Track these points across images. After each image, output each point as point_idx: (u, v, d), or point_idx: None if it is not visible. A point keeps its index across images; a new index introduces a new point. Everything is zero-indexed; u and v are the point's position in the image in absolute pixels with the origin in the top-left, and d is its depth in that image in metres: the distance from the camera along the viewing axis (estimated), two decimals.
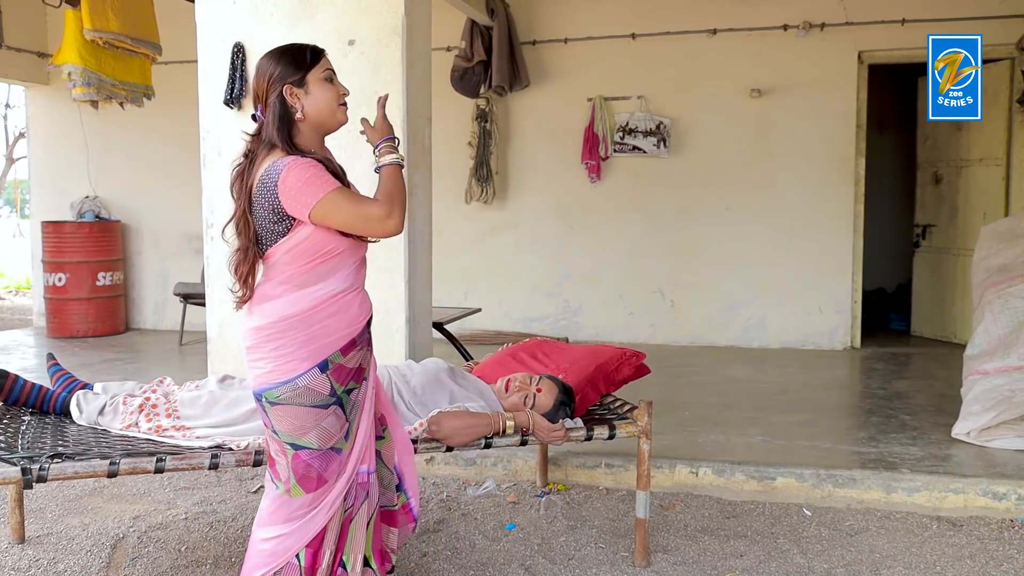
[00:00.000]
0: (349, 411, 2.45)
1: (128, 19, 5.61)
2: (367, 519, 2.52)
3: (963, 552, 3.27)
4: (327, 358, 2.37)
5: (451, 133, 7.21)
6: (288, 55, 2.40)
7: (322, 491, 2.41)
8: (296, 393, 2.36)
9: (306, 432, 2.38)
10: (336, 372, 2.40)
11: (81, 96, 5.62)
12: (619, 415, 3.32)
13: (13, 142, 17.37)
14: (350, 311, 2.42)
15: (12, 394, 3.20)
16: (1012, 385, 4.17)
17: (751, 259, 7.06)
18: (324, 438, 2.39)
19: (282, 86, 2.35)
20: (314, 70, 2.39)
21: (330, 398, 2.39)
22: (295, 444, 2.39)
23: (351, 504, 2.49)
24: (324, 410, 2.38)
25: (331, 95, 2.41)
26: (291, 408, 2.37)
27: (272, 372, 2.36)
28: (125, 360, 6.72)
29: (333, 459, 2.41)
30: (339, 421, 2.42)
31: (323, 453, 2.39)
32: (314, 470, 2.39)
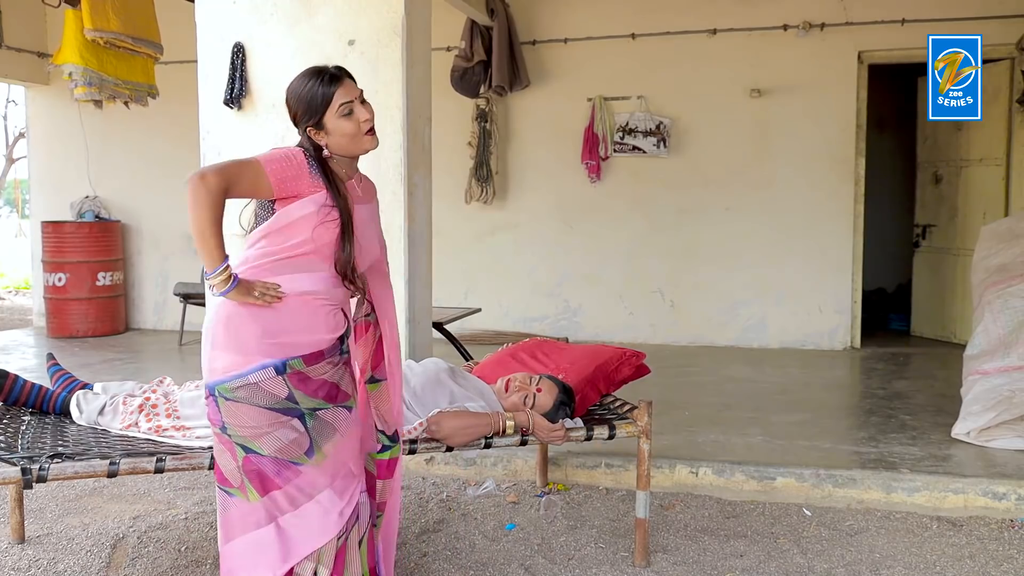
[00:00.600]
0: (313, 431, 2.37)
1: (129, 19, 5.60)
2: (358, 539, 2.49)
3: (963, 552, 3.27)
4: (285, 360, 2.33)
5: (451, 133, 7.21)
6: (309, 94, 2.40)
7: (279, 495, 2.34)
8: (249, 391, 2.31)
9: (258, 436, 2.33)
10: (297, 379, 2.34)
11: (83, 96, 5.61)
12: (619, 415, 3.32)
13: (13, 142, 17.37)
14: (314, 318, 2.38)
15: (12, 394, 3.20)
16: (1012, 385, 4.17)
17: (751, 259, 7.07)
18: (277, 448, 2.33)
19: (305, 127, 2.42)
20: (331, 109, 2.39)
21: (288, 403, 2.33)
22: (245, 447, 2.34)
23: (344, 531, 2.42)
24: (281, 416, 2.33)
25: (350, 128, 2.41)
26: (244, 407, 2.32)
27: (227, 365, 2.32)
28: (125, 360, 6.72)
29: (287, 467, 2.35)
30: (298, 437, 2.35)
31: (271, 460, 2.34)
32: (261, 472, 2.33)
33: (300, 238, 2.33)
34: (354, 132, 2.41)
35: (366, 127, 2.43)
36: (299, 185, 2.33)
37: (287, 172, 2.32)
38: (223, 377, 2.33)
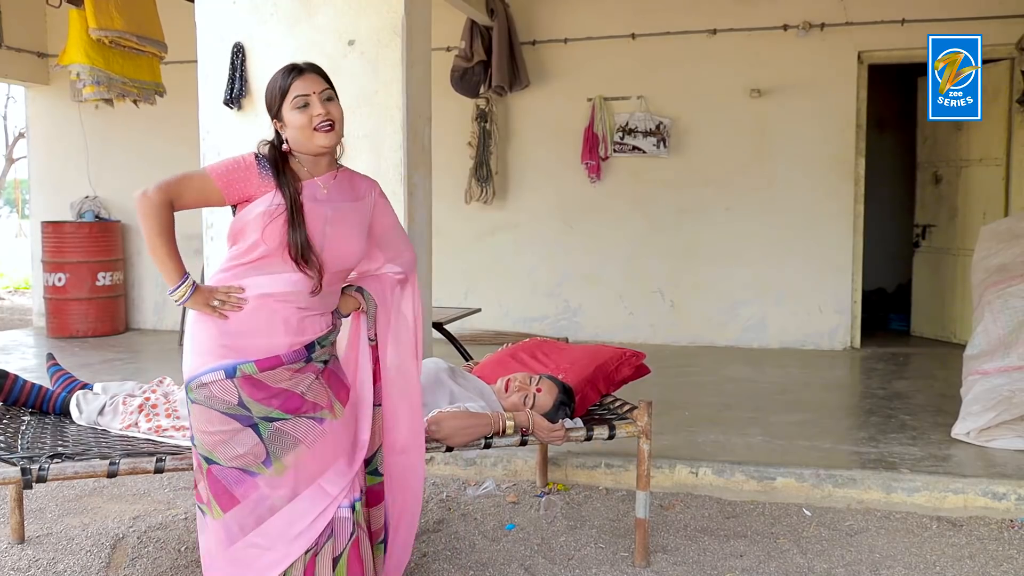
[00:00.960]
0: (268, 440, 2.32)
1: (132, 17, 5.59)
2: (333, 556, 2.39)
3: (963, 552, 3.27)
4: (236, 364, 2.30)
5: (451, 133, 7.21)
6: (269, 88, 2.46)
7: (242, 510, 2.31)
8: (204, 393, 2.31)
9: (216, 444, 2.31)
10: (248, 385, 2.30)
11: (93, 95, 5.59)
12: (619, 415, 3.32)
13: (13, 142, 17.38)
14: (272, 322, 2.34)
15: (12, 394, 3.21)
16: (1012, 385, 4.17)
17: (751, 259, 7.07)
18: (233, 456, 2.31)
19: (272, 119, 2.45)
20: (286, 101, 2.41)
21: (240, 410, 2.30)
22: (207, 458, 2.34)
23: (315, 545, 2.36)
24: (231, 422, 2.30)
25: (301, 121, 2.39)
26: (203, 409, 2.32)
27: (188, 366, 2.36)
28: (125, 360, 6.72)
29: (244, 479, 2.31)
30: (252, 445, 2.31)
31: (231, 471, 2.32)
32: (222, 486, 2.32)
33: (252, 239, 2.34)
34: (304, 125, 2.38)
35: (317, 121, 2.39)
36: (248, 188, 2.35)
37: (233, 176, 2.35)
38: (186, 378, 2.37)
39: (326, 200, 2.42)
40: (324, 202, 2.41)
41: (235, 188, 2.35)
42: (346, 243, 2.44)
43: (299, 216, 2.34)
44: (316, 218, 2.37)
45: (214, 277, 2.40)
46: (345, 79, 4.20)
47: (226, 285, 2.35)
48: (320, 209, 2.39)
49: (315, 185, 2.42)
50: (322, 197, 2.41)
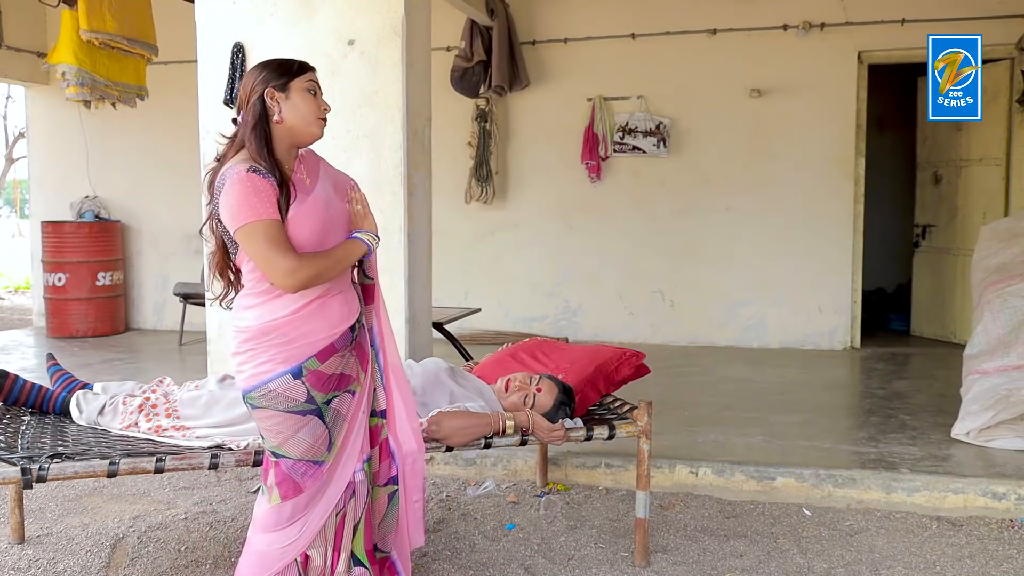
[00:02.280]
0: (330, 422, 2.43)
1: (125, 20, 5.61)
2: (355, 519, 2.52)
3: (963, 552, 3.27)
4: (301, 364, 2.37)
5: (451, 133, 7.21)
6: (276, 63, 2.45)
7: (301, 499, 2.42)
8: (270, 398, 2.38)
9: (284, 441, 2.40)
10: (313, 378, 2.39)
11: (74, 96, 5.65)
12: (619, 415, 3.32)
13: (13, 142, 17.37)
14: (328, 315, 2.41)
15: (12, 394, 3.21)
16: (1011, 384, 4.17)
17: (751, 259, 7.06)
18: (302, 449, 2.40)
19: (264, 88, 2.37)
20: (299, 79, 2.41)
21: (307, 405, 2.38)
22: (275, 452, 2.43)
23: (342, 505, 2.49)
24: (301, 418, 2.39)
25: (312, 107, 2.41)
26: (268, 412, 2.40)
27: (249, 375, 2.39)
28: (125, 360, 6.72)
29: (312, 470, 2.42)
30: (317, 432, 2.41)
31: (302, 464, 2.41)
32: (291, 480, 2.41)
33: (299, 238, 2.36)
34: (311, 113, 2.40)
35: (323, 112, 2.43)
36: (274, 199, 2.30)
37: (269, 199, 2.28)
38: (247, 386, 2.41)
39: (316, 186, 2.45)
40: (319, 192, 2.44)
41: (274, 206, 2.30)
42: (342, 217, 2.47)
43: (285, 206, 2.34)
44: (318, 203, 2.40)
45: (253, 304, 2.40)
46: (345, 79, 4.21)
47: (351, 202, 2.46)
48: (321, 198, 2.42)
49: (301, 181, 2.43)
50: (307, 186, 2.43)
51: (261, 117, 2.37)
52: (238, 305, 2.45)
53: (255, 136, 2.35)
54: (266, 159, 2.32)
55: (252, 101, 2.38)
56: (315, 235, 2.37)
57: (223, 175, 2.33)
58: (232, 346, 2.46)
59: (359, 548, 2.53)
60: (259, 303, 2.39)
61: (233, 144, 2.41)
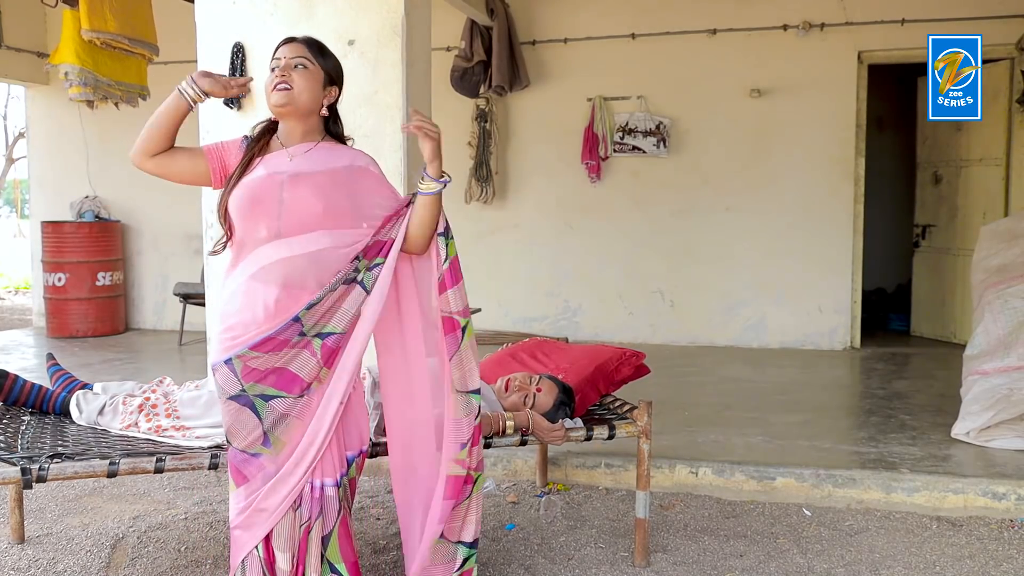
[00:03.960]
0: (267, 420, 2.39)
1: (126, 19, 5.61)
2: (323, 534, 2.44)
3: (963, 552, 3.27)
4: (234, 353, 2.38)
5: (451, 133, 7.20)
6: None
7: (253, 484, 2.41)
8: (216, 383, 2.45)
9: (228, 429, 2.45)
10: (244, 369, 2.38)
11: (77, 96, 5.64)
12: (619, 415, 3.32)
13: (13, 142, 17.38)
14: (254, 300, 2.38)
15: (12, 394, 3.20)
16: (1011, 384, 4.17)
17: (751, 259, 7.07)
18: (238, 439, 2.41)
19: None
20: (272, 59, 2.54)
21: (239, 395, 2.39)
22: (228, 440, 2.48)
23: (306, 518, 2.42)
24: (232, 405, 2.40)
25: (267, 80, 2.51)
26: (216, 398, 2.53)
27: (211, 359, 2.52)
28: (125, 360, 6.72)
29: (250, 461, 2.42)
30: (249, 423, 2.39)
31: (240, 453, 2.42)
32: (236, 468, 2.44)
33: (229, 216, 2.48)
34: (267, 85, 2.49)
35: (276, 79, 2.47)
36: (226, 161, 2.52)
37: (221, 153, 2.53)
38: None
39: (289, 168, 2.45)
40: (285, 171, 2.44)
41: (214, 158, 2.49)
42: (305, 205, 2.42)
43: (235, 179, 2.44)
44: (272, 184, 2.42)
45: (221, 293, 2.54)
46: (345, 79, 4.19)
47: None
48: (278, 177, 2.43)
49: (282, 155, 2.48)
50: (286, 167, 2.45)
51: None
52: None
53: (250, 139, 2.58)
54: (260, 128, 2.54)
55: None
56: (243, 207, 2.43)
57: None
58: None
59: (335, 556, 2.46)
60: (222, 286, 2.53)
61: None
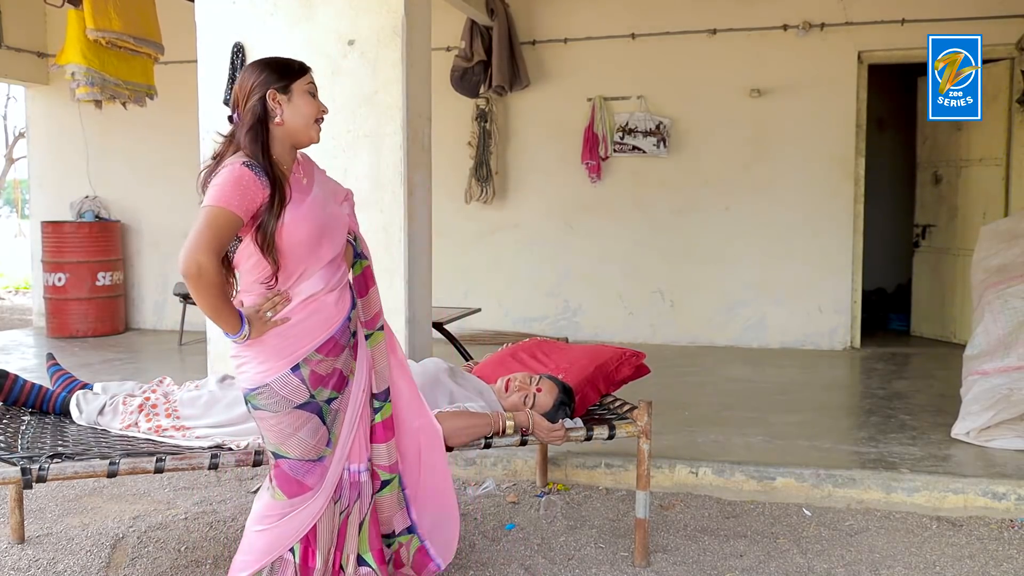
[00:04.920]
0: (330, 421, 2.46)
1: (130, 19, 5.61)
2: (360, 519, 2.54)
3: (963, 552, 3.27)
4: (300, 361, 2.39)
5: (451, 133, 7.21)
6: (276, 64, 2.44)
7: (307, 495, 2.44)
8: (272, 398, 2.39)
9: (284, 441, 2.41)
10: (313, 377, 2.40)
11: (85, 96, 5.63)
12: (619, 415, 3.32)
13: (13, 142, 17.37)
14: (324, 312, 2.44)
15: (12, 394, 3.20)
16: (1011, 384, 4.17)
17: (751, 259, 7.07)
18: (303, 449, 2.42)
19: (266, 90, 2.37)
20: (300, 80, 2.42)
21: (307, 402, 2.40)
22: (276, 453, 2.44)
23: (346, 504, 2.51)
24: (301, 415, 2.39)
25: (312, 109, 2.43)
26: (269, 413, 2.41)
27: (251, 375, 2.40)
28: (125, 360, 6.72)
29: (314, 468, 2.44)
30: (318, 431, 2.43)
31: (303, 463, 2.42)
32: (293, 479, 2.42)
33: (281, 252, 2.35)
34: (311, 115, 2.42)
35: (321, 115, 2.45)
36: (256, 200, 2.29)
37: (246, 197, 2.26)
38: (248, 387, 2.42)
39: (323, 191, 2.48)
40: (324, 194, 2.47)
41: (250, 207, 2.28)
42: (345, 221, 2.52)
43: (279, 207, 2.33)
44: (315, 205, 2.41)
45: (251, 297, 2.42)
46: (345, 79, 4.21)
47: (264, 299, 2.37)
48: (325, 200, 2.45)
49: (298, 181, 2.43)
50: (319, 190, 2.46)
51: (260, 118, 2.36)
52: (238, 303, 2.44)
53: (251, 137, 2.34)
54: (260, 160, 2.31)
55: (252, 102, 2.36)
56: (312, 237, 2.38)
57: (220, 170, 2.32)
58: (231, 348, 2.45)
59: (364, 548, 2.54)
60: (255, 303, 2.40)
61: (231, 144, 2.40)
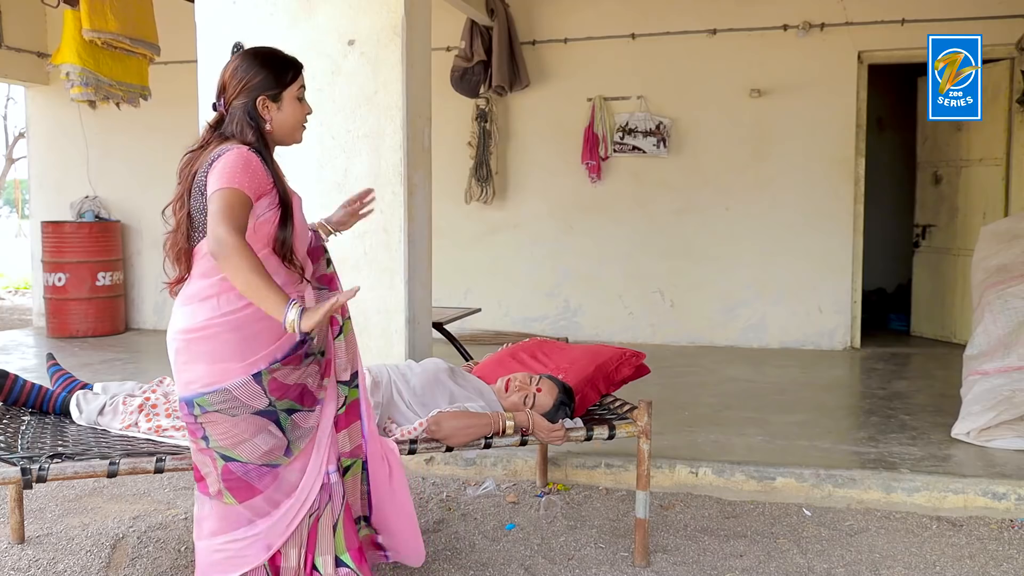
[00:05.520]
0: (288, 431, 2.37)
1: (127, 19, 5.62)
2: (332, 520, 2.47)
3: (963, 552, 3.27)
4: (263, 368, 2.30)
5: (451, 133, 7.21)
6: (273, 65, 2.41)
7: (259, 499, 2.35)
8: (229, 403, 2.29)
9: (237, 444, 2.32)
10: (273, 384, 2.32)
11: (79, 96, 5.64)
12: (619, 415, 3.32)
13: (13, 142, 17.37)
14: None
15: (12, 394, 3.20)
16: (1012, 385, 4.17)
17: (751, 259, 7.07)
18: (255, 454, 2.34)
19: (257, 96, 2.36)
20: (292, 87, 2.41)
21: (266, 410, 2.32)
22: (225, 455, 2.34)
23: (316, 507, 2.44)
24: (257, 421, 2.32)
25: (300, 115, 2.44)
26: (224, 417, 2.31)
27: (205, 376, 2.30)
28: (125, 360, 6.72)
29: (266, 472, 2.36)
30: (273, 439, 2.34)
31: (253, 467, 2.34)
32: (244, 482, 2.34)
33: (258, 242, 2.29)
34: (299, 120, 2.44)
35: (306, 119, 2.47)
36: (264, 187, 2.29)
37: (255, 180, 2.26)
38: (201, 390, 2.30)
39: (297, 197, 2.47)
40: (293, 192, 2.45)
41: (257, 193, 2.27)
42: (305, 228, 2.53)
43: (291, 214, 2.34)
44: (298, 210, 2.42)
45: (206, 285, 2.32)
46: (345, 79, 4.21)
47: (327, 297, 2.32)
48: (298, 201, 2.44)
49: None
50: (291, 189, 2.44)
51: (255, 124, 2.35)
52: (188, 296, 2.36)
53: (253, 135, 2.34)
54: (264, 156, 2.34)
55: (242, 101, 2.36)
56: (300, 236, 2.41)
57: (214, 154, 2.29)
58: (178, 346, 2.35)
59: (341, 549, 2.48)
60: (215, 294, 2.31)
61: (215, 133, 2.38)
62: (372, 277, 4.19)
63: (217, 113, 2.42)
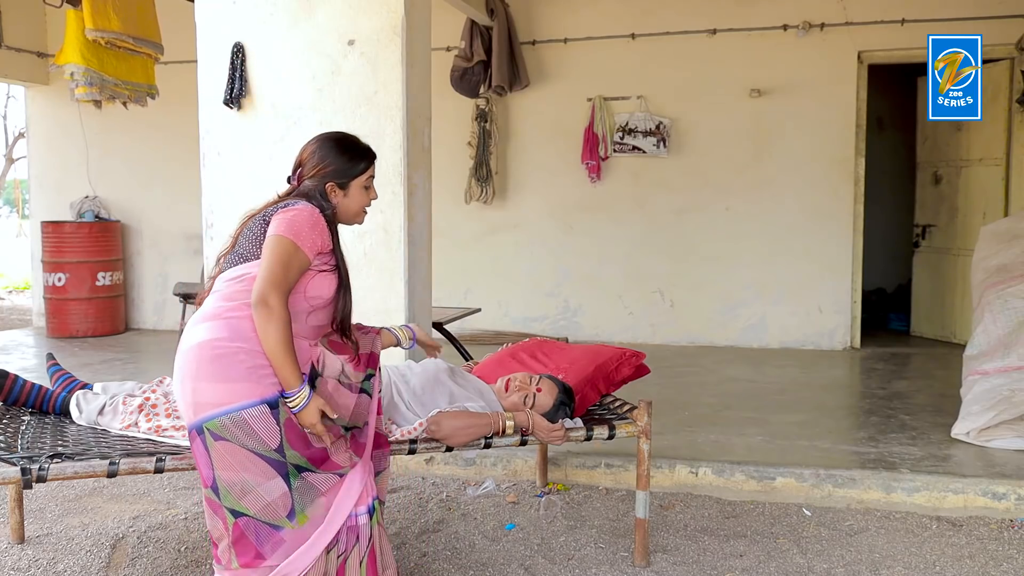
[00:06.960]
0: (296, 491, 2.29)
1: (130, 18, 5.61)
2: (359, 560, 2.42)
3: (963, 552, 3.27)
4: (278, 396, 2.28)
5: (451, 133, 7.21)
6: (348, 156, 2.52)
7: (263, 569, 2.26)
8: (241, 429, 2.24)
9: (246, 493, 2.25)
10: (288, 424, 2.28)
11: (84, 96, 5.63)
12: (619, 415, 3.32)
13: (13, 142, 17.37)
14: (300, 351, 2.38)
15: (12, 394, 3.20)
16: (1012, 385, 4.17)
17: (751, 259, 7.07)
18: (262, 506, 2.26)
19: (326, 182, 2.48)
20: (362, 178, 2.53)
21: (277, 455, 2.26)
22: (234, 511, 2.26)
23: (343, 549, 2.38)
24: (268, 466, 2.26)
25: (364, 202, 2.56)
26: (234, 448, 2.24)
27: (215, 396, 2.25)
28: (125, 360, 6.72)
29: (272, 535, 2.27)
30: (280, 494, 2.27)
31: (260, 524, 2.26)
32: (249, 542, 2.26)
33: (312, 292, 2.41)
34: (363, 205, 2.56)
35: (370, 203, 2.59)
36: (322, 246, 2.40)
37: (318, 241, 2.38)
38: (212, 412, 2.25)
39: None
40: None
41: (313, 251, 2.38)
42: None
43: (348, 286, 2.47)
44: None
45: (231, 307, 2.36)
46: (345, 79, 4.21)
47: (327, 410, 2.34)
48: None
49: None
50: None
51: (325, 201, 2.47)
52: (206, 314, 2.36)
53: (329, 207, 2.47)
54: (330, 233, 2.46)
55: (314, 182, 2.48)
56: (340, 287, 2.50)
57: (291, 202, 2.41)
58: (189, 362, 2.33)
59: None
60: (236, 316, 2.32)
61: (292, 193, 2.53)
62: (372, 277, 4.19)
63: (290, 186, 2.55)
